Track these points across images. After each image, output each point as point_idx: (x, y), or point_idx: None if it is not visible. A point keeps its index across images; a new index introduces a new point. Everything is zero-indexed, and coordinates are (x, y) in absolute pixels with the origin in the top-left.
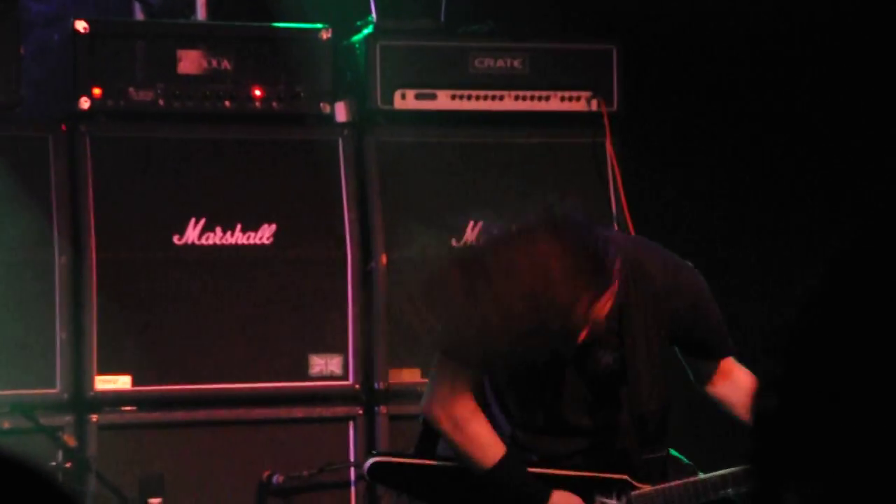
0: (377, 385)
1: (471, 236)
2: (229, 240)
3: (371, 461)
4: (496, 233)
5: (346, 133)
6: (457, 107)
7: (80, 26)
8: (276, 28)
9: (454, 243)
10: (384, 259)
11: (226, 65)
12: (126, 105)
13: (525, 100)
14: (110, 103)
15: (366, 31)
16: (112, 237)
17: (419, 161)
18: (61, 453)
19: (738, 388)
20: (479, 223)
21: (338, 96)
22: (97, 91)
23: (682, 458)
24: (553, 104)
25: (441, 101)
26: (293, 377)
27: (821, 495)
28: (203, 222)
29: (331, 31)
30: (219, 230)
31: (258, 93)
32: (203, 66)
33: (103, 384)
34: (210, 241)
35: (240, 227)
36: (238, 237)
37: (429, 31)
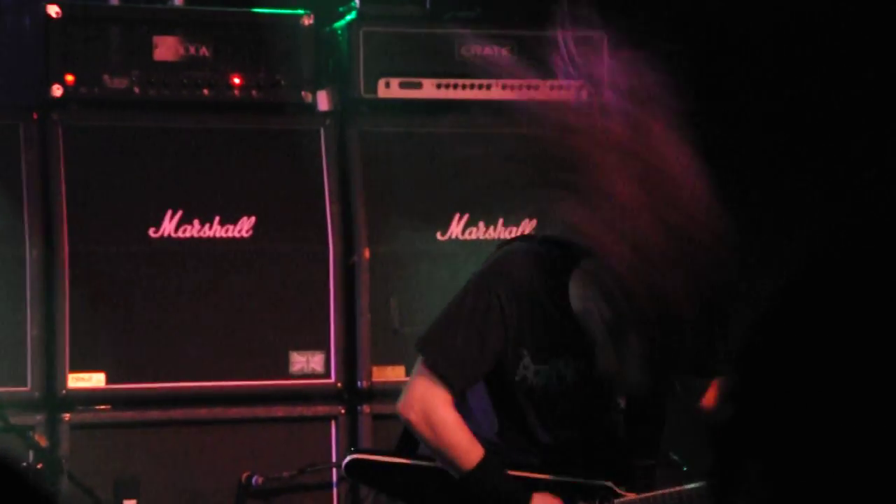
0: (360, 383)
1: (456, 230)
2: (207, 233)
3: (349, 458)
4: None
5: (328, 123)
6: (442, 95)
7: (53, 10)
8: (256, 14)
9: (440, 237)
10: (367, 253)
11: (204, 51)
12: (100, 93)
13: (514, 89)
14: (83, 91)
15: (349, 17)
16: (85, 230)
17: (404, 152)
18: (32, 454)
19: None
20: (465, 216)
21: (320, 84)
22: (70, 78)
23: (681, 463)
24: (542, 93)
25: (426, 90)
26: (273, 375)
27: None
28: (180, 215)
29: (312, 16)
30: (196, 223)
31: (237, 81)
32: (180, 52)
33: (76, 382)
34: (187, 234)
35: (218, 219)
36: (216, 230)
37: (414, 18)
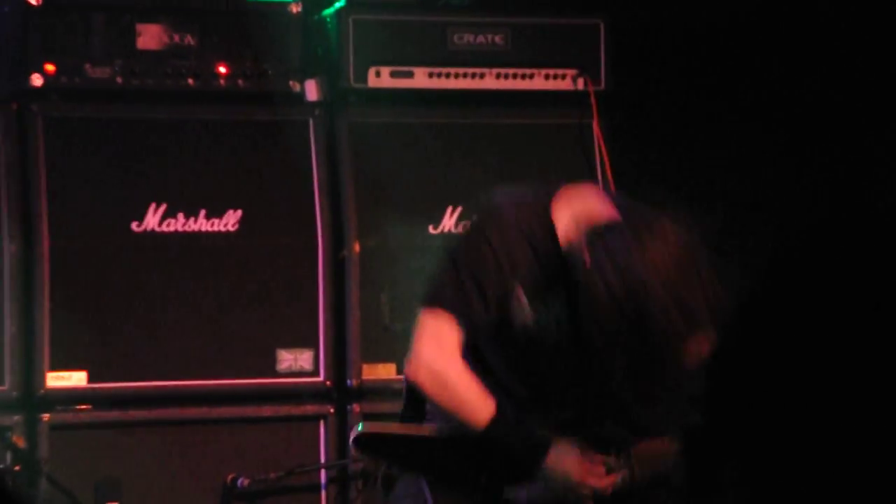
0: (350, 382)
1: (449, 223)
2: (192, 227)
3: (357, 432)
4: None
5: (316, 113)
6: (434, 85)
7: None
8: (243, 1)
9: (432, 230)
10: (357, 247)
11: (189, 40)
12: (81, 82)
13: (507, 78)
14: (64, 80)
15: (338, 5)
16: (66, 224)
17: (394, 143)
18: (10, 455)
19: None
20: (459, 209)
21: (308, 74)
22: (50, 67)
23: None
24: (537, 83)
25: (418, 80)
26: (260, 373)
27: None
28: (164, 208)
29: (301, 4)
30: (181, 216)
31: (223, 70)
32: (164, 41)
33: (56, 381)
34: (171, 228)
35: (203, 213)
36: (202, 224)
37: (405, 5)
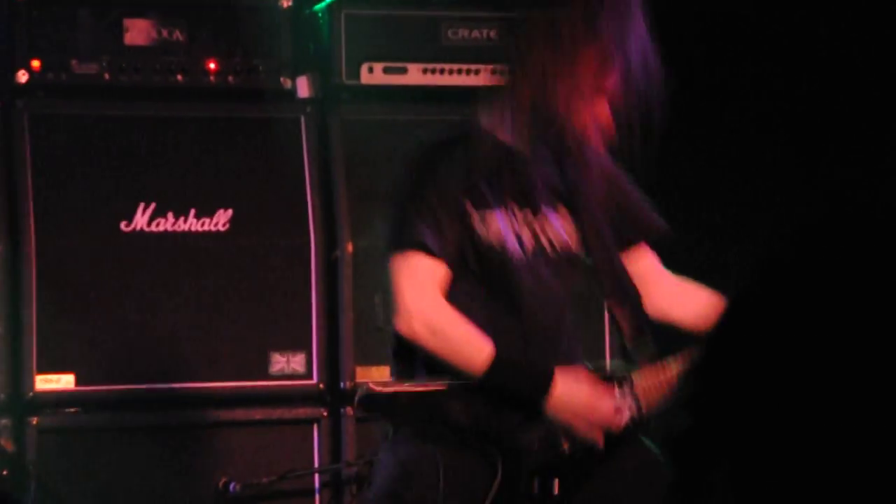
0: (343, 384)
1: None
2: (182, 226)
3: (364, 392)
4: None
5: (308, 110)
6: (429, 82)
7: None
8: None
9: None
10: (350, 247)
11: (177, 35)
12: (68, 79)
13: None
14: (51, 77)
15: None
16: (53, 224)
17: (388, 141)
18: None
19: None
20: None
21: (299, 70)
22: (36, 63)
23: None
24: None
25: (412, 76)
26: (252, 376)
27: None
28: (153, 207)
29: None
30: (170, 216)
31: (213, 66)
32: (152, 36)
33: (44, 384)
34: (161, 228)
35: (193, 212)
36: (191, 223)
37: None
